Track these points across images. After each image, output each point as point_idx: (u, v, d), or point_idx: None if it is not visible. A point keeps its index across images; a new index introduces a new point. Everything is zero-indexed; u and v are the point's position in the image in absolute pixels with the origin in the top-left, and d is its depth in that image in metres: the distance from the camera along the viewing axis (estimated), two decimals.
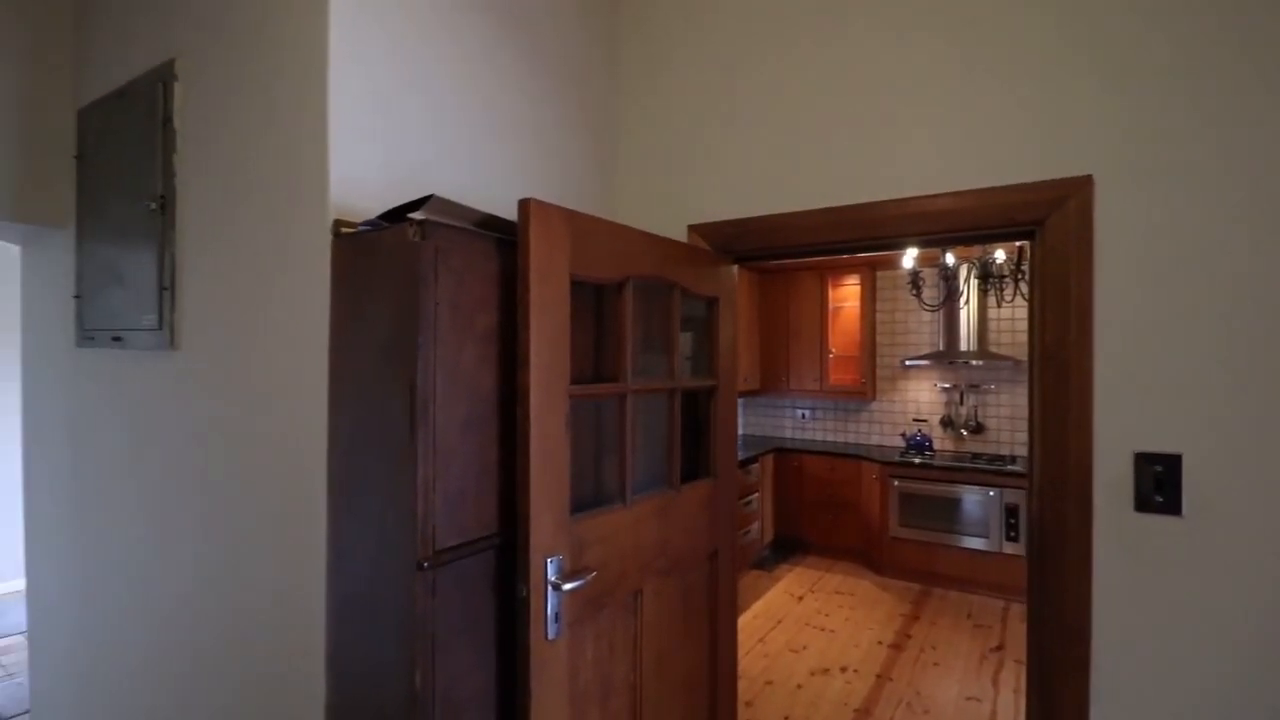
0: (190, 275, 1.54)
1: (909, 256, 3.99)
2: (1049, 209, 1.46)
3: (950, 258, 4.10)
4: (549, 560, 1.25)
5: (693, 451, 1.84)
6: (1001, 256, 4.00)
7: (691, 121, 1.98)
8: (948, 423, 4.62)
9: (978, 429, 4.52)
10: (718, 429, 1.85)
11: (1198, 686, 1.32)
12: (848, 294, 4.93)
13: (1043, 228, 1.49)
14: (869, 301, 4.82)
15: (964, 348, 4.41)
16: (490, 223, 1.24)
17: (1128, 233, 1.38)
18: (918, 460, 4.34)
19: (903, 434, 4.74)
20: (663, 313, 1.67)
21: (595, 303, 1.52)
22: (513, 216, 1.26)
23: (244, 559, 1.40)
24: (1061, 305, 1.46)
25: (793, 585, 4.33)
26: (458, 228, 1.17)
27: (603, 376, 1.53)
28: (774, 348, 5.09)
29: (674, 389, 1.66)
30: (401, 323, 1.10)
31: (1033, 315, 1.57)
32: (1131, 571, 1.38)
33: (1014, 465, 4.13)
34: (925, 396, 4.75)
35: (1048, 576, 1.49)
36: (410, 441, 1.09)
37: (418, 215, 1.12)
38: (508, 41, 1.67)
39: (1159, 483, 1.35)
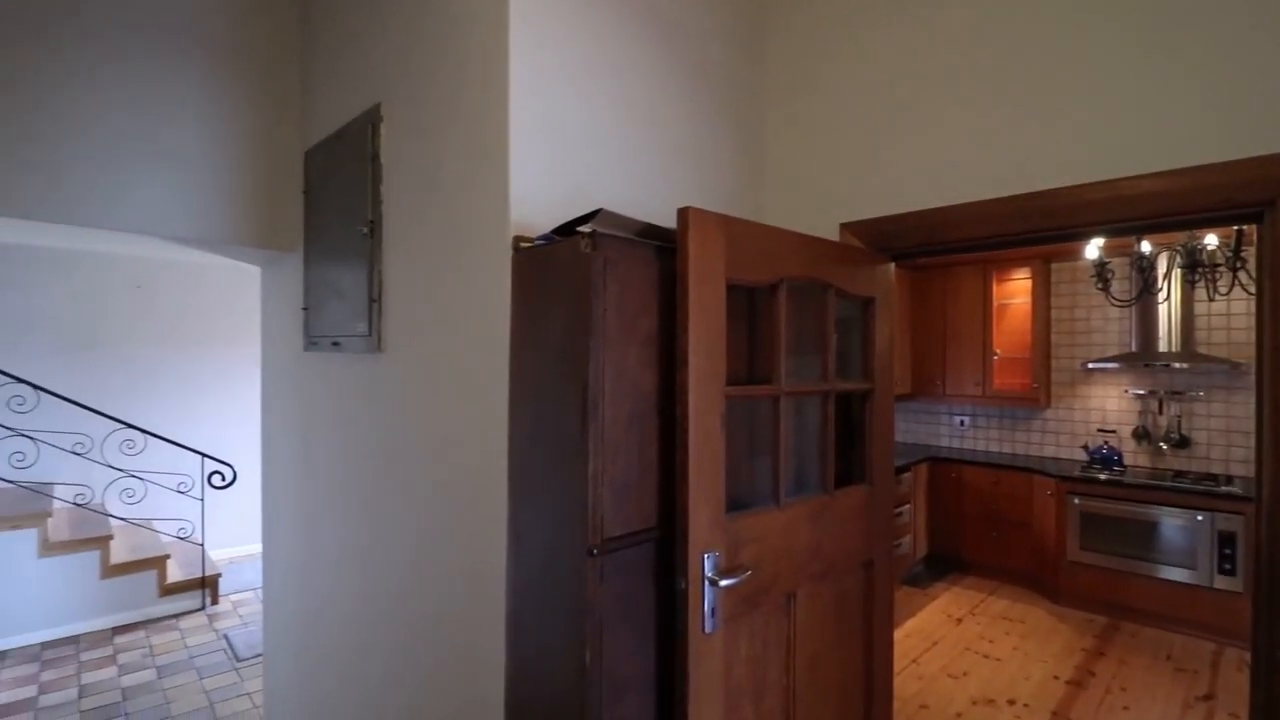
0: (393, 288, 1.79)
1: (1093, 246, 3.55)
2: None
3: (1146, 245, 3.58)
4: (706, 556, 1.30)
5: (846, 456, 1.80)
6: (1213, 242, 3.42)
7: (842, 120, 1.93)
8: (1143, 434, 4.04)
9: (1182, 442, 3.91)
10: (874, 434, 1.79)
11: None
12: (1016, 289, 4.49)
13: (1274, 209, 1.28)
14: (1042, 297, 4.36)
15: (1164, 348, 3.84)
16: (650, 231, 1.31)
17: None
18: (1104, 476, 3.85)
19: (1084, 446, 4.21)
20: (815, 314, 1.65)
21: (748, 305, 1.54)
22: (667, 223, 1.32)
23: (439, 537, 1.59)
24: None
25: (950, 605, 4.02)
26: (623, 238, 1.25)
27: (755, 378, 1.55)
28: (928, 349, 4.76)
29: (828, 391, 1.64)
30: (574, 328, 1.20)
31: (1261, 310, 1.35)
32: None
33: (1230, 486, 3.52)
34: (1113, 404, 4.19)
35: None
36: (582, 437, 1.18)
37: (587, 228, 1.21)
38: (661, 60, 1.74)
39: None
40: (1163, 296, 3.79)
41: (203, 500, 4.42)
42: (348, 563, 2.03)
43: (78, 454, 4.09)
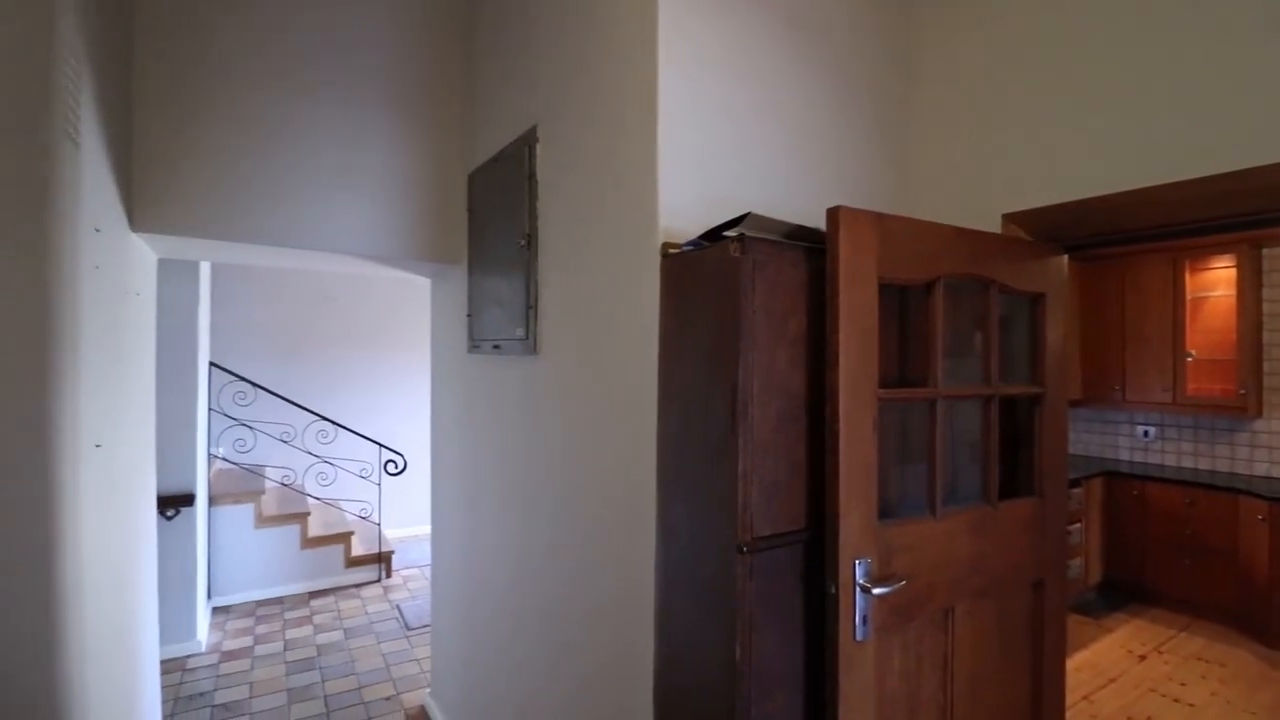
0: (548, 295, 1.93)
1: None
2: None
3: None
4: (857, 562, 1.28)
5: (1011, 466, 1.67)
6: None
7: (998, 103, 1.80)
8: None
9: None
10: (1044, 442, 1.65)
11: None
12: (1215, 279, 3.88)
13: None
14: (1251, 288, 3.73)
15: None
16: (798, 233, 1.32)
17: None
18: None
19: None
20: (973, 312, 1.56)
21: (900, 304, 1.49)
22: (813, 223, 1.32)
23: (589, 529, 1.70)
24: None
25: (1131, 640, 3.56)
26: (771, 240, 1.27)
27: (908, 380, 1.49)
28: (1102, 350, 4.25)
29: (991, 395, 1.54)
30: (723, 330, 1.24)
31: None
32: None
33: None
34: None
35: None
36: (731, 436, 1.21)
37: (733, 233, 1.24)
38: (804, 62, 1.73)
39: None
40: None
41: (379, 485, 5.01)
42: (505, 549, 2.21)
43: (284, 441, 4.81)
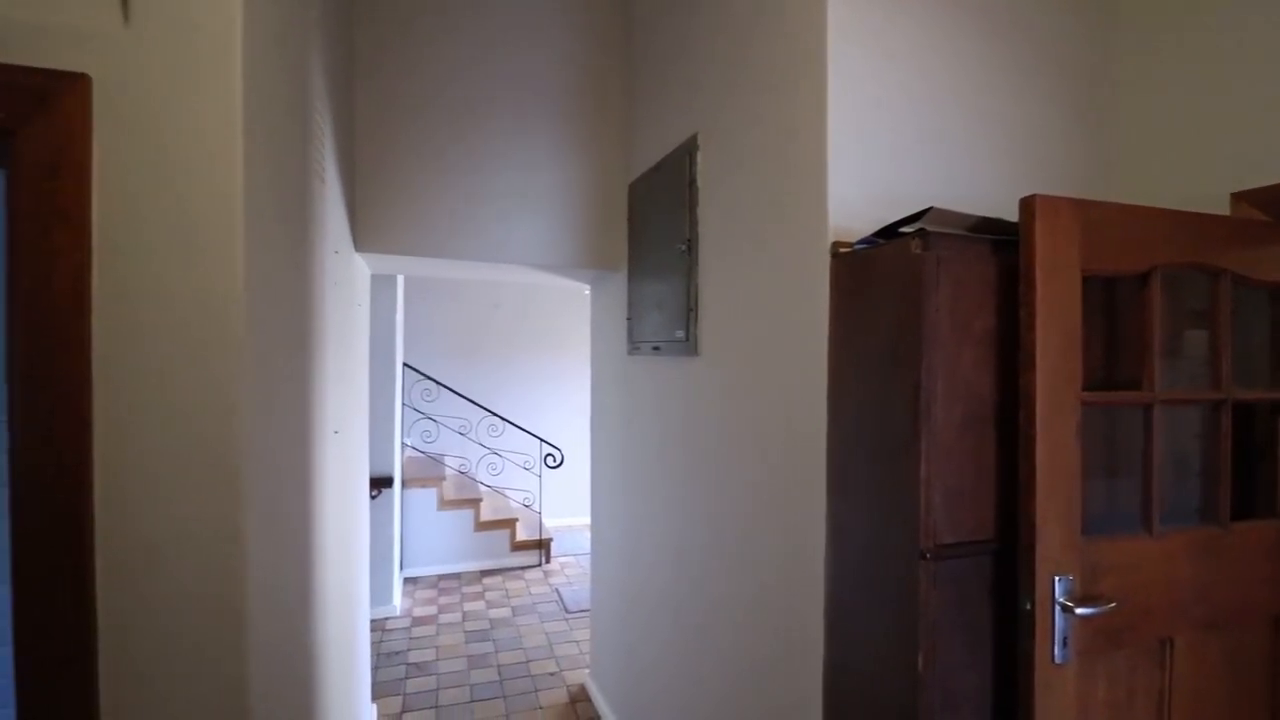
0: (708, 298, 1.99)
1: None
2: None
3: None
4: (1056, 578, 1.18)
5: (1245, 482, 1.44)
6: None
7: (1232, 63, 1.55)
8: None
9: None
10: None
11: None
12: None
13: None
14: None
15: None
16: (984, 225, 1.25)
17: None
18: None
19: None
20: (1187, 307, 1.37)
21: (1104, 298, 1.35)
22: (1000, 214, 1.24)
23: (751, 528, 1.73)
24: None
25: None
26: (954, 235, 1.22)
27: (1115, 382, 1.35)
28: None
29: (1221, 401, 1.34)
30: (903, 329, 1.21)
31: None
32: None
33: None
34: None
35: None
36: (912, 439, 1.18)
37: (911, 229, 1.21)
38: (984, 38, 1.62)
39: None
40: None
41: (540, 477, 5.40)
42: (664, 540, 2.31)
43: (461, 434, 5.36)
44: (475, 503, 4.98)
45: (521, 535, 5.12)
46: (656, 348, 2.34)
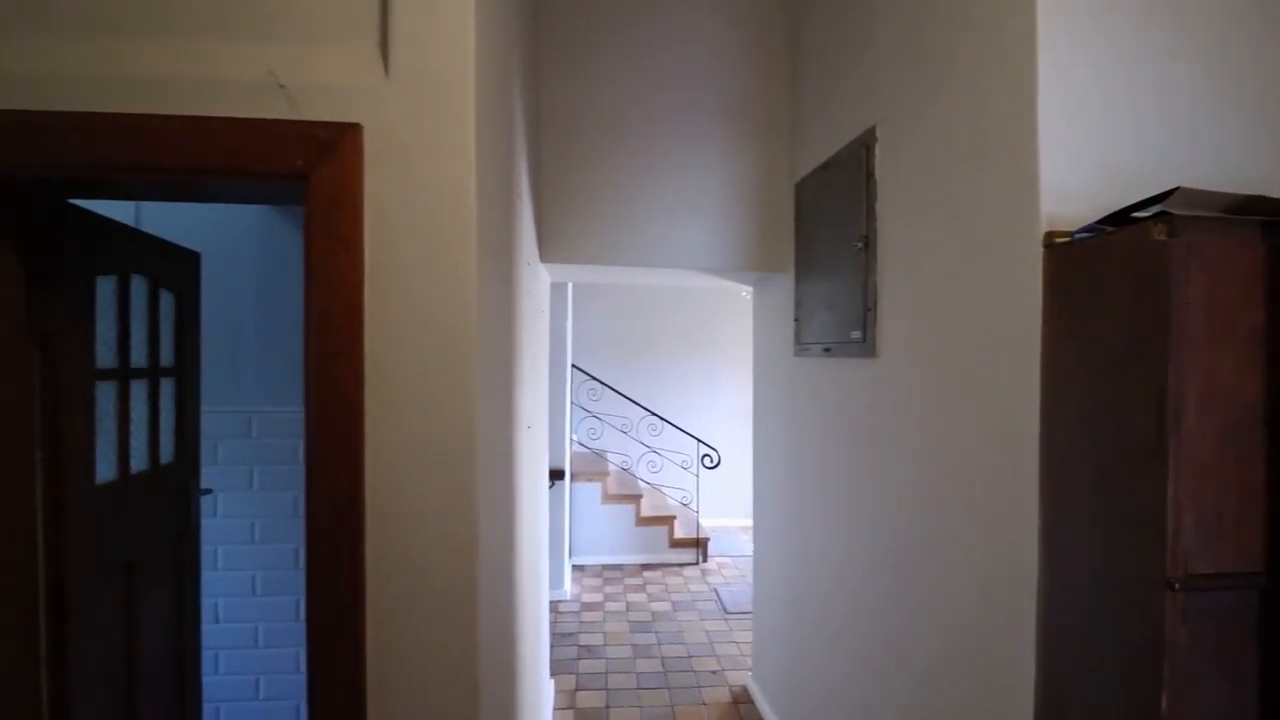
0: (889, 297, 1.90)
1: None
2: None
3: None
4: None
5: None
6: None
7: None
8: None
9: None
10: None
11: None
12: None
13: None
14: None
15: None
16: (1248, 205, 1.06)
17: None
18: None
19: None
20: None
21: None
22: (1266, 190, 1.05)
23: (945, 539, 1.62)
24: None
25: None
26: (1208, 218, 1.05)
27: None
28: None
29: None
30: (1142, 326, 1.07)
31: None
32: None
33: None
34: None
35: None
36: (1157, 453, 1.04)
37: (1148, 213, 1.06)
38: None
39: None
40: None
41: (697, 476, 5.48)
42: (833, 548, 2.23)
43: (623, 432, 5.61)
44: (636, 498, 5.18)
45: (679, 533, 5.22)
46: (827, 349, 2.28)
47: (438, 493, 1.13)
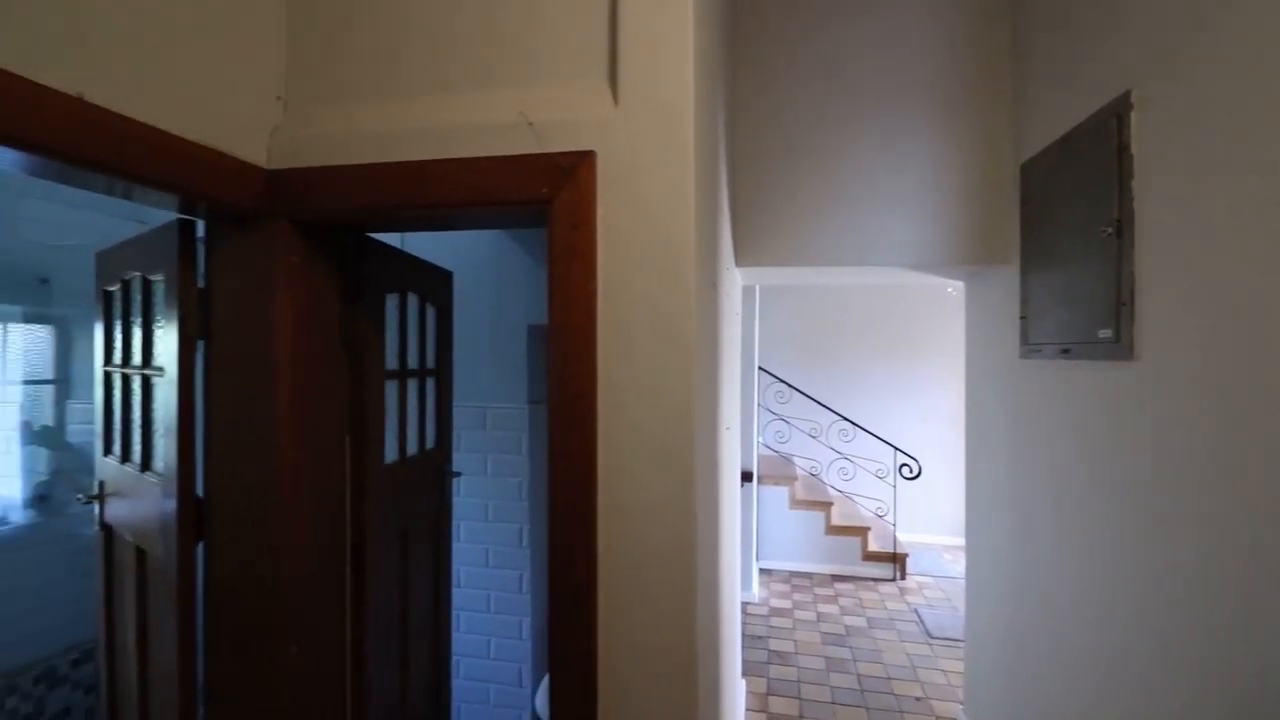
0: (1152, 289, 1.62)
1: None
2: None
3: None
4: None
5: None
6: None
7: None
8: None
9: None
10: None
11: None
12: None
13: None
14: None
15: None
16: None
17: None
18: None
19: None
20: None
21: None
22: None
23: (1228, 586, 1.35)
24: None
25: None
26: None
27: None
28: None
29: None
30: None
31: None
32: None
33: None
34: None
35: None
36: None
37: None
38: None
39: None
40: None
41: (894, 487, 5.14)
42: (1074, 582, 1.96)
43: (812, 437, 5.45)
44: (826, 505, 5.00)
45: (873, 545, 4.94)
46: (1065, 350, 2.01)
47: (659, 487, 1.22)
